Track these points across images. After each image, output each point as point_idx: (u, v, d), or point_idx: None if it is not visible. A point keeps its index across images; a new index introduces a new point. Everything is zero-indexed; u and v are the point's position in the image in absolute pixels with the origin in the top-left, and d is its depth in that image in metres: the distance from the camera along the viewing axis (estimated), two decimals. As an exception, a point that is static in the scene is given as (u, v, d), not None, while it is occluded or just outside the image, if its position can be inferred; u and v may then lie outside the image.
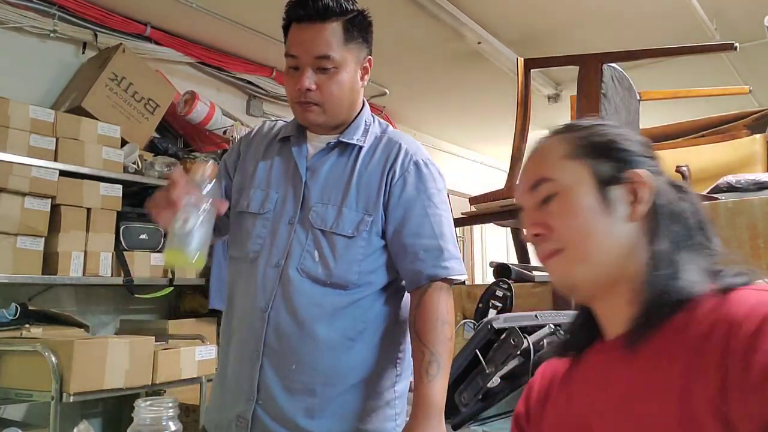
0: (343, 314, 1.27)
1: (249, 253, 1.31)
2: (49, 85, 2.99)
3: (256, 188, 1.35)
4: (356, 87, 1.35)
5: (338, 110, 1.32)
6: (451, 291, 1.31)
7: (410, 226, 1.29)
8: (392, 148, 1.34)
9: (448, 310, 1.27)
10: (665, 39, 2.36)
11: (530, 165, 0.84)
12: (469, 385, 1.17)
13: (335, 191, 1.31)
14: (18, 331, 2.34)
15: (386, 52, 3.82)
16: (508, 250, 5.90)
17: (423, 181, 1.32)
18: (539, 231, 0.78)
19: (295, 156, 1.35)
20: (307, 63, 1.27)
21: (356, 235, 1.27)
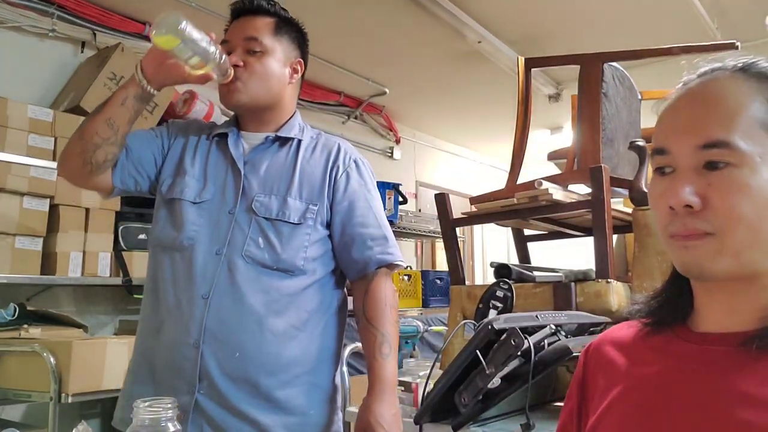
0: (288, 303, 1.30)
1: (183, 241, 1.31)
2: (47, 85, 2.98)
3: (191, 177, 1.37)
4: (282, 79, 1.41)
5: (259, 91, 1.36)
6: (391, 276, 1.41)
7: (357, 217, 1.37)
8: (332, 147, 1.43)
9: (393, 295, 1.38)
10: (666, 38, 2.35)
11: (706, 113, 0.64)
12: (469, 386, 1.16)
13: (278, 182, 1.35)
14: (16, 332, 2.34)
15: (386, 52, 3.82)
16: (508, 250, 5.89)
17: (363, 176, 1.43)
18: (694, 202, 0.62)
19: (231, 150, 1.38)
20: (237, 45, 1.35)
21: (302, 223, 1.33)
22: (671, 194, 0.63)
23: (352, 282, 1.42)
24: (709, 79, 0.66)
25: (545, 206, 1.78)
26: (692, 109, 0.65)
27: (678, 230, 0.64)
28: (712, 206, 0.62)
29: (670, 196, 0.64)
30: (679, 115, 0.66)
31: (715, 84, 0.66)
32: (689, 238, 0.63)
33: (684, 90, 0.68)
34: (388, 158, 5.15)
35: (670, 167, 0.66)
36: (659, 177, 0.67)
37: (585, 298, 1.60)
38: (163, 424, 0.77)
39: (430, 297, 4.54)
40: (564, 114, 4.42)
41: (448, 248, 2.05)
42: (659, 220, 0.68)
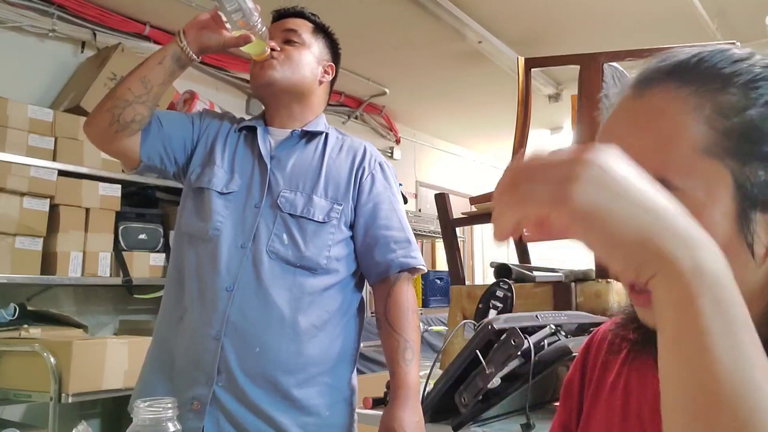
0: (310, 301, 1.30)
1: (208, 231, 1.31)
2: (47, 85, 2.98)
3: (219, 168, 1.37)
4: (314, 71, 1.44)
5: (291, 75, 1.39)
6: (412, 281, 1.41)
7: (381, 219, 1.37)
8: (358, 148, 1.44)
9: (414, 300, 1.38)
10: (666, 38, 2.35)
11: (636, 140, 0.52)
12: (469, 386, 1.16)
13: (304, 179, 1.36)
14: (17, 332, 2.34)
15: (386, 52, 3.82)
16: (508, 250, 5.89)
17: (388, 179, 1.44)
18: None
19: (259, 144, 1.39)
20: (278, 36, 1.41)
21: (327, 221, 1.33)
22: None
23: (372, 285, 1.41)
24: (645, 91, 0.54)
25: (545, 206, 1.78)
26: (624, 135, 0.53)
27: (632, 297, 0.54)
28: None
29: None
30: (612, 141, 0.52)
31: (649, 100, 0.53)
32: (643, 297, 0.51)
33: (621, 102, 0.57)
34: (388, 158, 5.15)
35: None
36: None
37: (585, 298, 1.60)
38: (164, 424, 0.77)
39: (430, 297, 4.54)
40: (564, 114, 4.42)
41: (448, 248, 2.05)
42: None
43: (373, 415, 1.52)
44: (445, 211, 2.04)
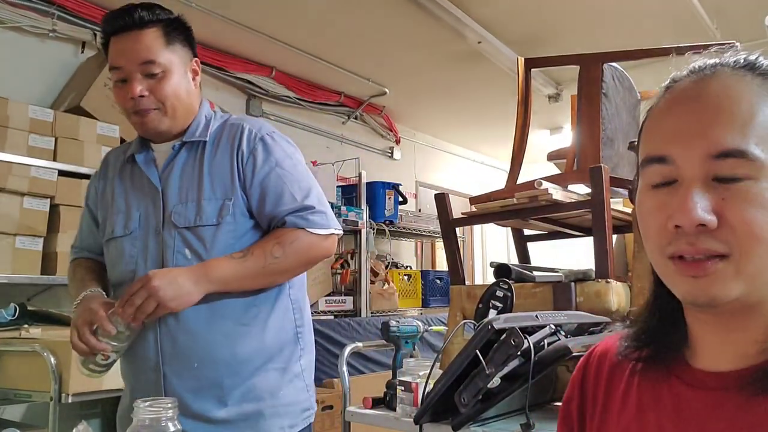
0: (230, 303, 1.29)
1: (126, 274, 1.33)
2: (48, 85, 2.98)
3: (117, 213, 1.38)
4: (190, 89, 1.38)
5: (177, 112, 1.34)
6: (316, 238, 1.32)
7: (270, 199, 1.32)
8: (236, 131, 1.37)
9: (293, 242, 1.29)
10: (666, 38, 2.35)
11: (715, 117, 0.55)
12: (469, 386, 1.16)
13: (191, 188, 1.33)
14: (17, 332, 2.33)
15: (386, 52, 3.82)
16: (509, 250, 5.89)
17: (271, 152, 1.35)
18: (710, 221, 0.53)
19: (145, 171, 1.37)
20: (134, 71, 1.28)
21: (221, 222, 1.30)
22: (680, 211, 0.54)
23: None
24: (710, 78, 0.57)
25: (545, 206, 1.78)
26: (698, 111, 0.56)
27: (685, 250, 0.55)
28: (729, 224, 0.53)
29: (678, 213, 0.54)
30: (681, 119, 0.57)
31: (718, 83, 0.56)
32: (700, 263, 0.54)
33: (681, 89, 0.59)
34: (388, 158, 5.15)
35: (671, 178, 0.57)
36: (655, 189, 0.58)
37: (585, 298, 1.60)
38: (163, 424, 0.77)
39: (430, 297, 4.54)
40: (564, 114, 4.42)
41: (448, 248, 2.05)
42: (653, 238, 0.59)
43: (374, 415, 1.53)
44: (445, 211, 2.04)
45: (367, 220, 4.01)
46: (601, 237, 1.64)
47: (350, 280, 3.92)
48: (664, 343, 0.64)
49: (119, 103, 1.34)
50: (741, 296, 0.55)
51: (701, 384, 0.60)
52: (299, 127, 4.29)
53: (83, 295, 1.30)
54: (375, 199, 4.14)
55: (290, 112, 4.23)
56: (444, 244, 2.06)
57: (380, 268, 4.19)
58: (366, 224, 3.98)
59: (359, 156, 4.47)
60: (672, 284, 0.59)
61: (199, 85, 1.42)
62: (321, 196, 1.37)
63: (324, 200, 1.37)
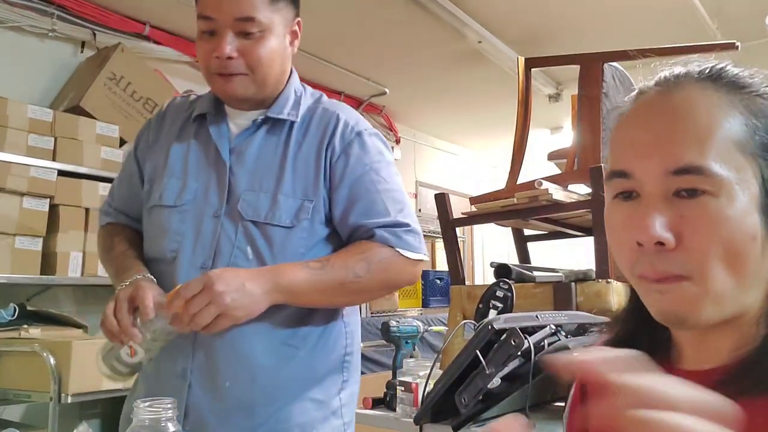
0: (283, 319, 1.10)
1: (167, 253, 1.13)
2: (47, 85, 2.98)
3: (170, 177, 1.16)
4: (286, 54, 1.16)
5: (268, 80, 1.13)
6: (404, 261, 1.13)
7: (359, 206, 1.12)
8: (329, 120, 1.17)
9: (380, 261, 1.09)
10: (667, 38, 2.35)
11: (674, 131, 0.53)
12: (469, 386, 1.16)
13: (267, 176, 1.12)
14: (16, 332, 2.33)
15: (386, 52, 3.82)
16: (509, 250, 5.89)
17: (368, 153, 1.16)
18: (667, 239, 0.52)
19: (214, 137, 1.16)
20: (227, 26, 1.07)
21: (296, 225, 1.10)
22: (639, 228, 0.53)
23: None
24: (673, 89, 0.56)
25: (545, 206, 1.78)
26: (657, 125, 0.55)
27: (647, 270, 0.54)
28: (686, 245, 0.52)
29: (637, 230, 0.53)
30: (641, 132, 0.56)
31: (681, 95, 0.55)
32: (664, 281, 0.53)
33: (643, 101, 0.58)
34: (388, 158, 5.15)
35: (634, 192, 0.56)
36: (619, 202, 0.58)
37: (585, 298, 1.60)
38: (163, 424, 0.77)
39: (430, 297, 4.54)
40: (564, 114, 4.42)
41: (448, 248, 2.04)
42: (623, 256, 0.58)
43: (374, 416, 1.52)
44: (445, 211, 2.04)
45: (367, 220, 4.00)
46: (601, 237, 1.64)
47: (350, 280, 3.92)
48: (646, 346, 0.62)
49: (200, 59, 1.14)
50: (714, 317, 0.54)
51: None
52: (299, 127, 4.29)
53: (135, 279, 1.07)
54: (375, 199, 4.13)
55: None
56: (444, 244, 2.06)
57: (380, 268, 4.18)
58: (366, 224, 3.97)
59: (359, 156, 4.46)
60: (647, 304, 0.58)
61: (294, 48, 1.21)
62: (414, 214, 1.18)
63: (416, 219, 1.18)
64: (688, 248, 0.52)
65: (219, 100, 1.20)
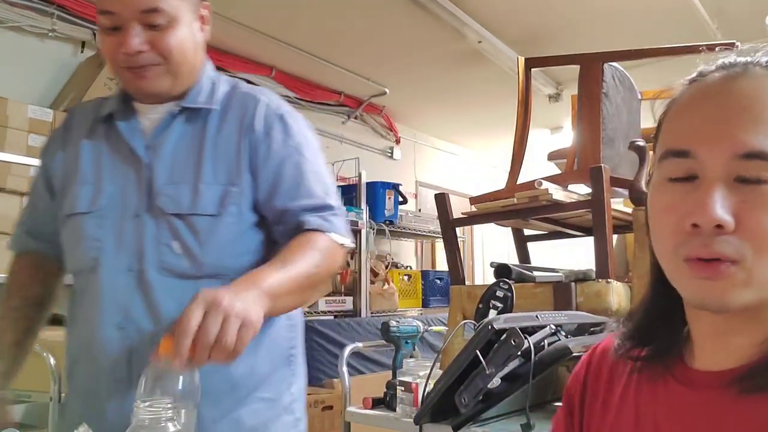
0: None
1: (86, 261, 1.06)
2: (47, 85, 2.98)
3: (82, 184, 1.10)
4: (198, 42, 1.11)
5: (182, 70, 1.07)
6: (337, 248, 1.08)
7: (284, 189, 1.08)
8: (248, 103, 1.12)
9: (327, 248, 1.05)
10: (667, 38, 2.35)
11: (743, 116, 0.53)
12: (469, 386, 1.16)
13: (186, 167, 1.07)
14: (16, 332, 2.33)
15: (386, 52, 3.82)
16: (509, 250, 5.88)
17: (292, 135, 1.12)
18: (727, 222, 0.52)
19: (126, 136, 1.10)
20: (132, 19, 1.01)
21: (222, 213, 1.05)
22: (700, 209, 0.52)
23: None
24: (742, 75, 0.55)
25: (545, 206, 1.78)
26: (726, 109, 0.54)
27: (699, 252, 0.53)
28: (745, 229, 0.52)
29: (697, 211, 0.52)
30: (708, 114, 0.55)
31: (749, 82, 0.55)
32: (715, 265, 0.53)
33: (709, 83, 0.57)
34: (388, 158, 5.15)
35: (691, 174, 0.55)
36: (672, 185, 0.56)
37: (585, 298, 1.60)
38: (163, 424, 0.77)
39: (430, 297, 4.54)
40: (564, 114, 4.42)
41: (448, 248, 2.05)
42: (665, 238, 0.57)
43: (374, 416, 1.52)
44: (445, 211, 2.04)
45: (367, 220, 4.01)
46: (601, 237, 1.64)
47: (350, 280, 3.92)
48: (662, 342, 0.64)
49: (106, 55, 1.07)
50: (748, 302, 0.54)
51: (693, 383, 0.60)
52: (299, 127, 4.29)
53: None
54: (375, 199, 4.14)
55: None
56: (444, 244, 2.06)
57: (380, 268, 4.19)
58: (366, 224, 3.97)
59: (359, 156, 4.47)
60: (682, 286, 0.57)
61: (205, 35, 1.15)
62: (338, 196, 1.15)
63: (341, 202, 1.15)
64: (747, 231, 0.52)
65: (127, 98, 1.13)
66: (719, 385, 0.57)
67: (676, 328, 0.64)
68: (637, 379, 0.66)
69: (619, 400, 0.67)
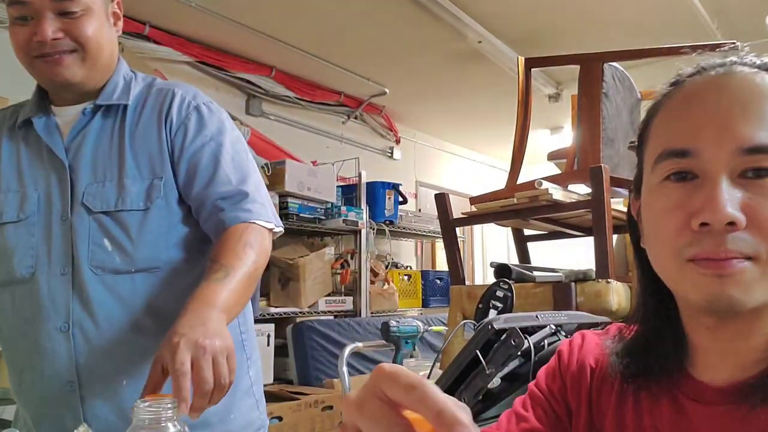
0: (164, 304, 1.05)
1: (21, 271, 1.05)
2: (48, 85, 2.98)
3: (6, 192, 1.09)
4: (112, 37, 1.11)
5: (98, 61, 1.07)
6: (265, 231, 1.09)
7: (200, 178, 1.09)
8: (165, 97, 1.13)
9: (256, 239, 1.05)
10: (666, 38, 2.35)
11: (745, 110, 0.53)
12: (469, 386, 1.16)
13: (108, 164, 1.07)
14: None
15: (386, 52, 3.82)
16: (509, 250, 5.89)
17: (207, 125, 1.12)
18: (740, 218, 0.50)
19: (45, 139, 1.09)
20: (44, 7, 1.00)
21: (150, 206, 1.06)
22: (709, 207, 0.51)
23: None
24: (730, 74, 0.55)
25: (545, 206, 1.78)
26: (724, 105, 0.53)
27: (711, 252, 0.51)
28: (757, 225, 0.50)
29: (706, 210, 0.51)
30: (706, 112, 0.54)
31: (741, 79, 0.54)
32: (727, 261, 0.51)
33: (699, 83, 0.57)
34: (388, 158, 5.15)
35: (692, 173, 0.54)
36: (672, 186, 0.55)
37: (585, 298, 1.60)
38: (163, 424, 0.76)
39: (430, 297, 4.54)
40: (564, 114, 4.42)
41: (448, 248, 2.05)
42: (667, 240, 0.55)
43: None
44: (445, 211, 2.04)
45: (367, 220, 4.01)
46: (601, 237, 1.64)
47: (350, 280, 3.92)
48: (661, 353, 0.62)
49: (16, 45, 1.04)
50: (759, 301, 0.52)
51: (702, 398, 0.58)
52: (299, 127, 4.29)
53: None
54: (375, 199, 4.14)
55: (290, 112, 4.23)
56: (444, 244, 2.06)
57: (380, 268, 4.19)
58: (366, 224, 3.98)
59: (359, 156, 4.47)
60: (687, 288, 0.55)
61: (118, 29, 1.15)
62: (261, 185, 1.15)
63: (264, 191, 1.15)
64: (759, 226, 0.51)
65: (43, 102, 1.12)
66: (731, 400, 0.55)
67: (675, 338, 0.62)
68: (634, 391, 0.63)
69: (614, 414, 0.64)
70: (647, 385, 0.62)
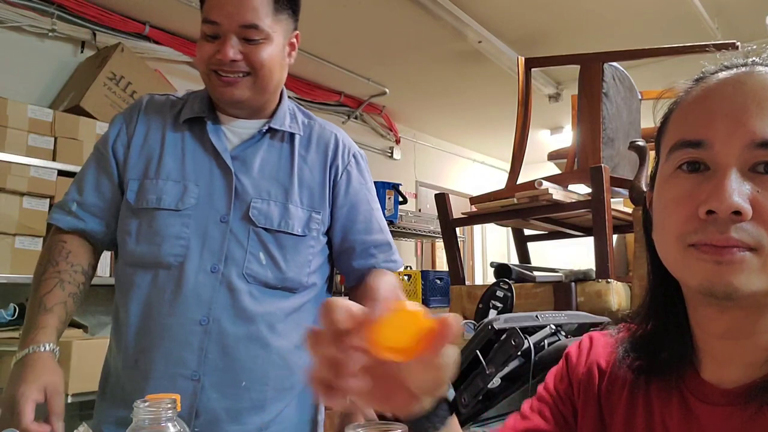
0: (291, 320, 1.16)
1: (169, 258, 1.11)
2: (47, 85, 2.98)
3: (166, 179, 1.15)
4: (284, 64, 1.20)
5: (268, 86, 1.16)
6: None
7: (359, 223, 1.23)
8: (329, 140, 1.25)
9: (397, 282, 1.26)
10: (666, 38, 2.35)
11: (760, 106, 0.54)
12: (470, 386, 1.16)
13: (275, 186, 1.17)
14: (16, 332, 2.33)
15: (386, 52, 3.82)
16: (509, 250, 5.89)
17: (363, 173, 1.27)
18: (745, 209, 0.52)
19: (215, 142, 1.17)
20: (231, 31, 1.10)
21: (307, 234, 1.18)
22: (716, 196, 0.52)
23: (349, 288, 1.29)
24: (749, 72, 0.57)
25: (545, 206, 1.78)
26: (740, 100, 0.55)
27: (714, 239, 0.53)
28: (764, 216, 0.52)
29: (713, 198, 0.52)
30: (722, 106, 0.56)
31: (758, 78, 0.56)
32: (727, 249, 0.52)
33: (719, 79, 0.58)
34: (388, 158, 5.15)
35: (704, 164, 0.55)
36: (684, 176, 0.56)
37: (585, 298, 1.60)
38: (163, 424, 0.76)
39: (430, 297, 4.53)
40: (564, 114, 4.42)
41: (448, 248, 2.05)
42: (674, 226, 0.56)
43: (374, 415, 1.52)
44: (445, 211, 2.04)
45: (367, 220, 4.00)
46: (601, 237, 1.64)
47: (350, 280, 3.92)
48: (669, 352, 0.63)
49: (200, 57, 1.14)
50: (759, 291, 0.53)
51: (710, 399, 0.59)
52: (299, 127, 4.29)
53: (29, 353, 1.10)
54: (375, 199, 4.14)
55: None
56: (444, 244, 2.06)
57: (380, 268, 4.19)
58: (366, 224, 3.97)
59: (359, 156, 4.47)
60: (688, 273, 0.56)
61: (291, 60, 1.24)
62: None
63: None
64: (765, 221, 0.52)
65: (212, 105, 1.21)
66: (739, 402, 0.56)
67: (681, 336, 0.63)
68: (644, 390, 0.64)
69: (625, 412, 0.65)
70: (656, 380, 0.63)
